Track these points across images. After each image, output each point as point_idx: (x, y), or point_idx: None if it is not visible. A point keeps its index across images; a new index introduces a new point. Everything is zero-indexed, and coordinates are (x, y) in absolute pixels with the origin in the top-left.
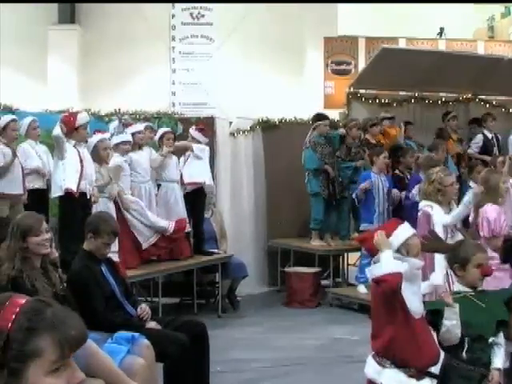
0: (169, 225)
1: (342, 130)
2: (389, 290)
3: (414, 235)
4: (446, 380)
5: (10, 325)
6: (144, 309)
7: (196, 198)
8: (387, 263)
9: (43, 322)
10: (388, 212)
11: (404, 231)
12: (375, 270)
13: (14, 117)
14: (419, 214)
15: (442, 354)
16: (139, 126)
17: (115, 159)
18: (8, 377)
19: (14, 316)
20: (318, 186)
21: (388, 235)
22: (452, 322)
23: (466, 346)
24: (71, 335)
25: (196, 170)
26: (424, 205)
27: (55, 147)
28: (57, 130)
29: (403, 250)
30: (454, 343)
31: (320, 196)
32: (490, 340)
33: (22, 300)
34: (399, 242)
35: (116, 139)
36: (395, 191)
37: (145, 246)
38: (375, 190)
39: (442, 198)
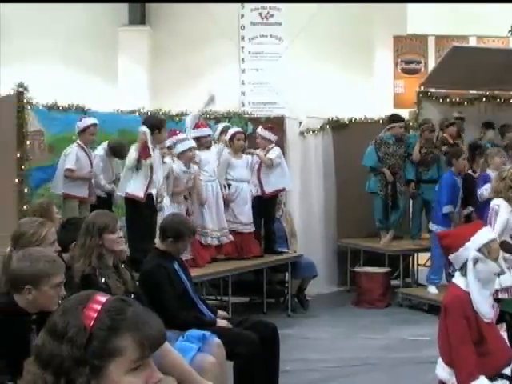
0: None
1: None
2: None
3: (495, 240)
4: None
5: (92, 323)
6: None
7: (267, 198)
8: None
9: (125, 321)
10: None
11: (488, 233)
12: None
13: (95, 121)
14: (489, 212)
15: None
16: (207, 131)
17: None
18: (89, 373)
19: (96, 314)
20: (375, 185)
21: (470, 235)
22: None
23: None
24: (152, 335)
25: (274, 178)
26: (494, 203)
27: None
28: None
29: (484, 251)
30: None
31: (378, 195)
32: None
33: (104, 298)
34: (481, 242)
35: (180, 147)
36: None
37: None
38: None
39: None
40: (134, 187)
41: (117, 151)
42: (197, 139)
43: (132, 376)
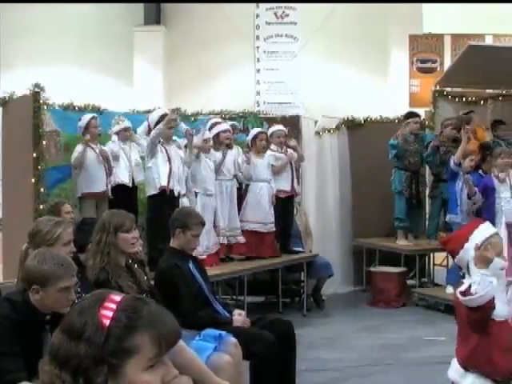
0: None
1: (435, 143)
2: (485, 316)
3: (495, 234)
4: None
5: (109, 322)
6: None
7: (286, 197)
8: (488, 291)
9: (141, 319)
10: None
11: (485, 230)
12: (473, 302)
13: (93, 114)
14: None
15: None
16: (224, 126)
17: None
18: (107, 372)
19: (112, 313)
20: (400, 184)
21: (469, 235)
22: None
23: None
24: (168, 333)
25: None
26: None
27: (146, 147)
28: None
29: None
30: None
31: (402, 195)
32: None
33: (119, 297)
34: (480, 240)
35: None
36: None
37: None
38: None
39: None
40: (160, 179)
41: None
42: (216, 136)
43: (149, 374)
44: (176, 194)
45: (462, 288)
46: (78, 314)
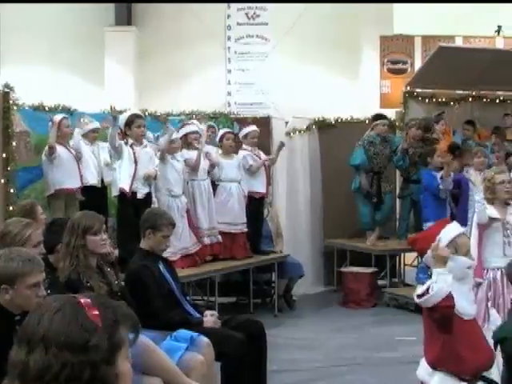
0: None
1: (403, 145)
2: (445, 315)
3: (462, 234)
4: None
5: (100, 321)
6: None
7: (254, 199)
8: (440, 289)
9: (118, 312)
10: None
11: (452, 230)
12: (427, 302)
13: (63, 115)
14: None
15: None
16: (192, 127)
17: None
18: (105, 368)
19: (97, 312)
20: (359, 184)
21: (436, 235)
22: None
23: None
24: (135, 320)
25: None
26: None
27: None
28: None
29: (452, 249)
30: None
31: (361, 195)
32: None
33: (87, 298)
34: (447, 240)
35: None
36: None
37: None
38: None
39: (491, 195)
40: (121, 181)
41: None
42: (184, 137)
43: (128, 363)
44: (140, 195)
45: (419, 291)
46: (66, 324)
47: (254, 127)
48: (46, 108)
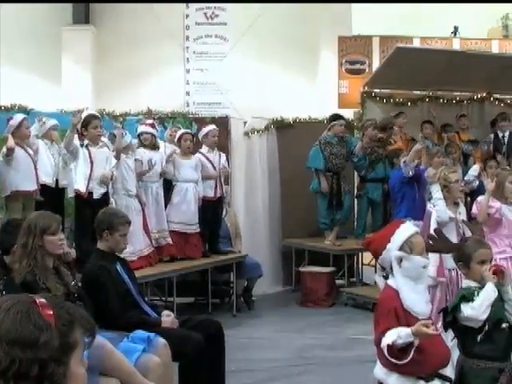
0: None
1: (360, 144)
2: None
3: (416, 233)
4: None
5: (54, 320)
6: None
7: (212, 199)
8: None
9: (75, 314)
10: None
11: (406, 230)
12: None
13: (24, 116)
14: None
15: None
16: (144, 127)
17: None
18: (54, 367)
19: (51, 312)
20: (319, 185)
21: (390, 236)
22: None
23: (486, 329)
24: (91, 322)
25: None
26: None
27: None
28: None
29: (406, 248)
30: (476, 326)
31: (322, 195)
32: (504, 325)
33: (42, 298)
34: (401, 240)
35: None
36: None
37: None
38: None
39: (447, 194)
40: (76, 182)
41: None
42: (138, 136)
43: (82, 366)
44: (96, 196)
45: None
46: (18, 321)
47: (213, 126)
48: (3, 107)
